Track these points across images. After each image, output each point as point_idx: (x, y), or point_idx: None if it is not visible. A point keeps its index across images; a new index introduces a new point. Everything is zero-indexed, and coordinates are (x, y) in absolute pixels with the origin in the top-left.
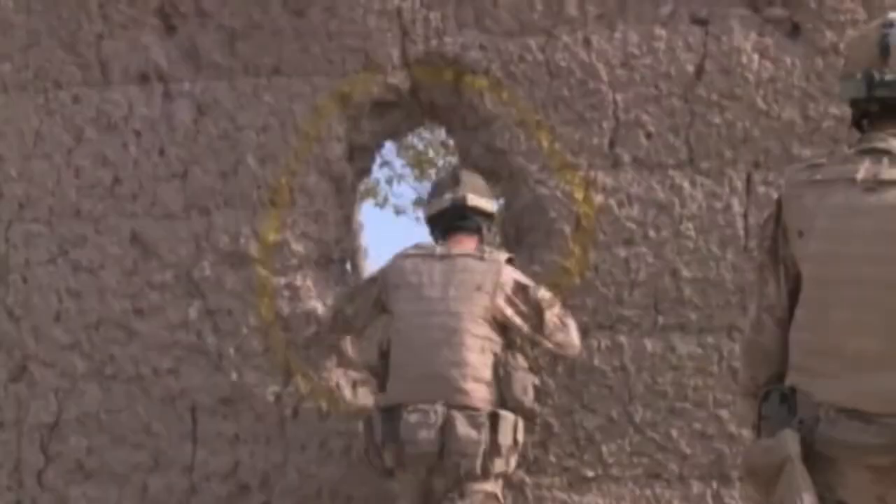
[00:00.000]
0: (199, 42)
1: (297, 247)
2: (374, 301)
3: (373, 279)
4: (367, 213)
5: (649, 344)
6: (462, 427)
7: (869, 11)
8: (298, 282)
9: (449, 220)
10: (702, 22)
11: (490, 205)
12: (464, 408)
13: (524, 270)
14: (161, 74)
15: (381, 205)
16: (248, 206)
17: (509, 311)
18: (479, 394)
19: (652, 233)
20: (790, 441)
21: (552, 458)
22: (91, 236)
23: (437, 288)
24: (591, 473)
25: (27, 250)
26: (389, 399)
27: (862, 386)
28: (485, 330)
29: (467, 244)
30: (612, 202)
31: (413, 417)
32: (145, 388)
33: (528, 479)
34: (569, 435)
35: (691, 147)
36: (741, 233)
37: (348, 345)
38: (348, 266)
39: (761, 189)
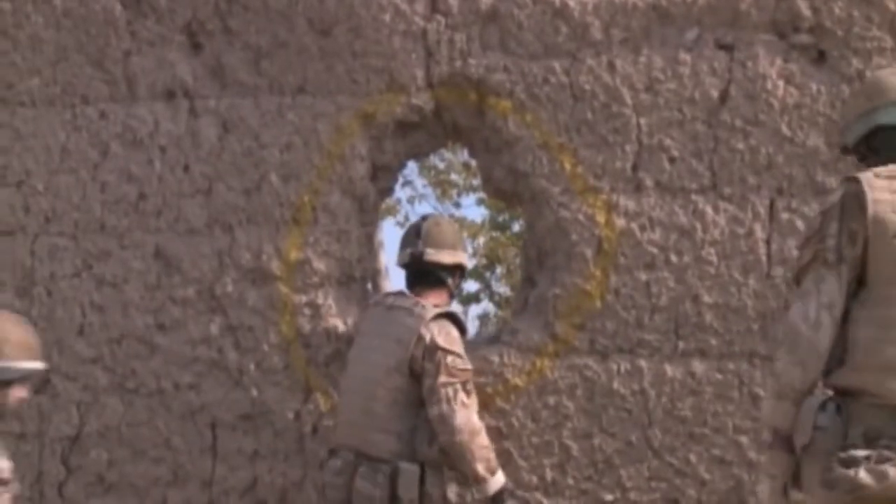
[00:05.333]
0: (225, 60)
1: (319, 265)
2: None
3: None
4: (388, 233)
5: (669, 369)
6: (360, 480)
7: None
8: (320, 300)
9: (411, 275)
10: (727, 47)
11: (453, 256)
12: (368, 458)
13: (545, 292)
14: (187, 91)
15: (402, 223)
16: (270, 223)
17: (425, 365)
18: (386, 445)
19: (674, 257)
20: None
21: (570, 481)
22: (115, 251)
23: (371, 337)
24: (609, 497)
25: (52, 264)
26: (329, 441)
27: None
28: (396, 382)
29: (431, 297)
30: (635, 226)
31: (332, 463)
32: (166, 402)
33: (545, 502)
34: (587, 458)
35: (714, 172)
36: (763, 259)
37: None
38: (369, 285)
39: (784, 216)
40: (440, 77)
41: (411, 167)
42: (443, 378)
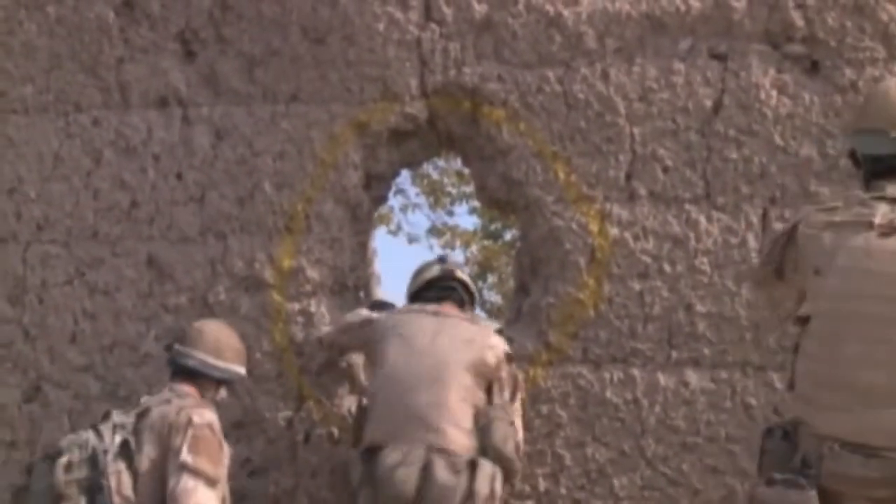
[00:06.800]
0: (219, 68)
1: (312, 273)
2: (363, 342)
3: (367, 321)
4: (380, 241)
5: (662, 378)
6: (440, 471)
7: (889, 50)
8: (312, 308)
9: (437, 290)
10: (720, 57)
11: (474, 286)
12: (443, 451)
13: (538, 301)
14: (180, 99)
15: (395, 232)
16: (263, 231)
17: (499, 375)
18: (457, 439)
19: (667, 267)
20: None
21: (563, 491)
22: (108, 259)
23: (427, 336)
24: None
25: (44, 271)
26: (368, 440)
27: (870, 420)
28: (468, 380)
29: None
30: (628, 235)
31: (391, 458)
32: None
33: None
34: (580, 468)
35: (708, 182)
36: None
37: (361, 372)
38: (362, 294)
39: (777, 225)
40: (434, 86)
41: (404, 175)
42: (517, 393)
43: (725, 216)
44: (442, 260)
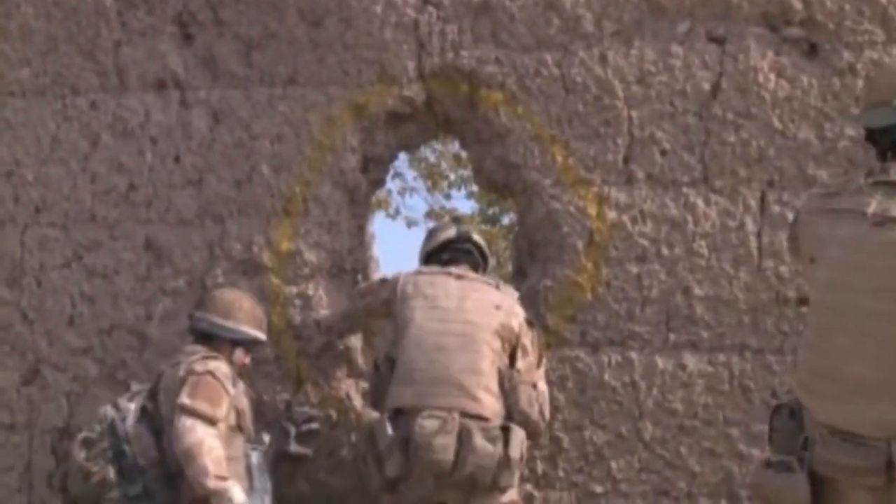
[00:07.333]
0: (216, 51)
1: (310, 256)
2: (382, 301)
3: (384, 281)
4: (378, 225)
5: (660, 361)
6: (479, 439)
7: (888, 33)
8: (310, 291)
9: (452, 251)
10: (719, 40)
11: (488, 250)
12: (478, 418)
13: (536, 284)
14: (178, 82)
15: (393, 216)
16: (261, 214)
17: (523, 341)
18: (491, 405)
19: (665, 250)
20: (801, 489)
21: (561, 473)
22: (105, 242)
23: (454, 300)
24: (599, 489)
25: (42, 254)
26: (397, 402)
27: (858, 411)
28: (497, 344)
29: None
30: (626, 218)
31: (429, 423)
32: None
33: (536, 494)
34: (578, 450)
35: (706, 165)
36: (754, 252)
37: (359, 355)
38: (360, 277)
39: (776, 208)
40: (432, 69)
41: (401, 159)
42: (542, 358)
43: (723, 199)
44: (457, 221)
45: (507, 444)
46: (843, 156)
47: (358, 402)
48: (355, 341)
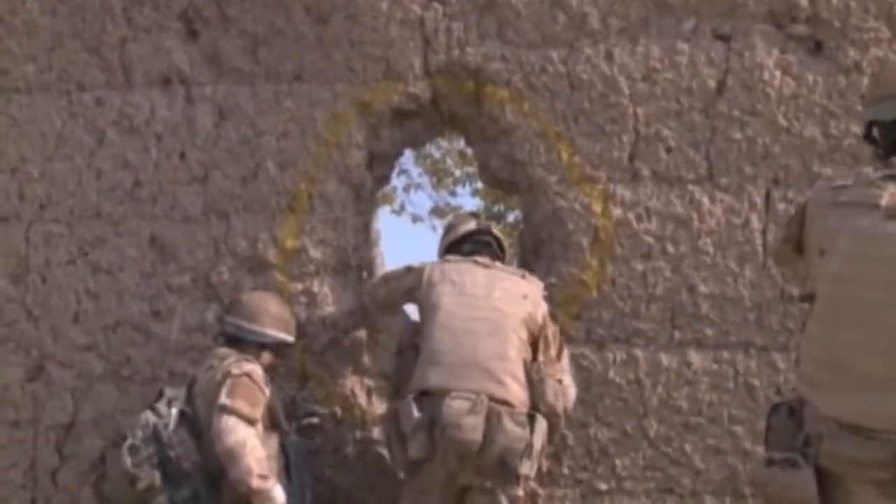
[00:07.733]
0: (222, 47)
1: (315, 253)
2: (405, 290)
3: (408, 269)
4: (384, 222)
5: (665, 358)
6: (510, 423)
7: (893, 30)
8: (315, 288)
9: (472, 243)
10: (724, 38)
11: (506, 243)
12: (505, 403)
13: (541, 281)
14: (183, 78)
15: (398, 212)
16: (266, 211)
17: (546, 331)
18: (517, 393)
19: (670, 247)
20: (809, 484)
21: (565, 471)
22: (111, 238)
23: (481, 288)
24: (604, 486)
25: (47, 251)
26: (424, 383)
27: (867, 404)
28: (524, 334)
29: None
30: (631, 216)
31: (458, 403)
32: None
33: (541, 491)
34: (583, 448)
35: (711, 162)
36: (759, 249)
37: (364, 352)
38: (365, 274)
39: (781, 206)
40: (437, 65)
41: (406, 156)
42: (563, 350)
43: (729, 197)
44: (475, 215)
45: (531, 431)
46: (848, 153)
47: (363, 398)
48: (361, 338)
